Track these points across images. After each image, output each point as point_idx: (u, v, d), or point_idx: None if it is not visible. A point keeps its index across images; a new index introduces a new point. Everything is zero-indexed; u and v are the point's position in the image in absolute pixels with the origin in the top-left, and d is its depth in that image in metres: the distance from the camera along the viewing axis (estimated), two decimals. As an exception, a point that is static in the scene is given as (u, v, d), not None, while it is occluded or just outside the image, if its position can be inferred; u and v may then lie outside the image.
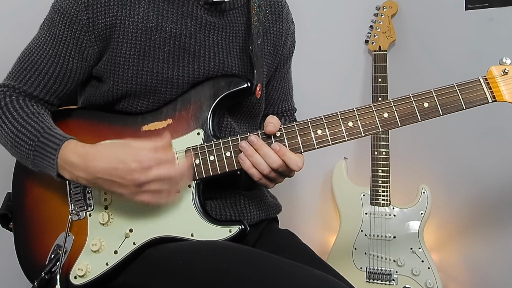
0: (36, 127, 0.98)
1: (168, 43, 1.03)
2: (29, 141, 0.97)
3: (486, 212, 1.64)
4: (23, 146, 0.98)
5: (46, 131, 0.97)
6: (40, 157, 0.96)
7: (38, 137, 0.96)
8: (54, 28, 1.02)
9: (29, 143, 0.97)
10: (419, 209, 1.68)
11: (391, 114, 0.95)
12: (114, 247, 1.00)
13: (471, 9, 1.61)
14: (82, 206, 1.02)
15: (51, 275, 0.99)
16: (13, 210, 1.09)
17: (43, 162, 0.96)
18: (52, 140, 0.95)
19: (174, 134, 1.02)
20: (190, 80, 1.05)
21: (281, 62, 1.22)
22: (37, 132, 0.97)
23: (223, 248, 0.94)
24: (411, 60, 1.79)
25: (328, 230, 1.91)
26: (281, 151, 0.96)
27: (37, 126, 0.98)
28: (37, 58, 1.03)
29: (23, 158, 1.00)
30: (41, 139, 0.96)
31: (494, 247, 1.63)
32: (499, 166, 1.59)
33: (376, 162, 1.68)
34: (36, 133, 0.97)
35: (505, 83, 0.94)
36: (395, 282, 1.66)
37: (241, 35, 1.11)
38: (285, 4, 1.22)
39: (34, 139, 0.96)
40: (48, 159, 0.95)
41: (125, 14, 1.00)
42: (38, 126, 0.98)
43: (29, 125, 0.98)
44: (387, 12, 1.76)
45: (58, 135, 0.96)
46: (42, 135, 0.96)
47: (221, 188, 1.09)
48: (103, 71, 1.04)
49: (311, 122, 0.97)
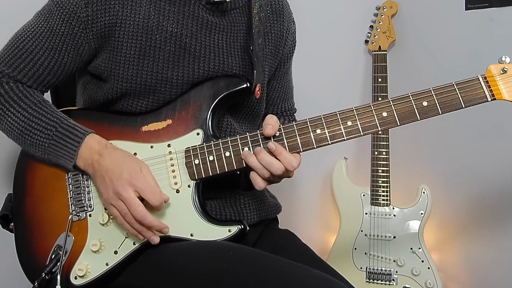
0: (51, 118, 1.01)
1: (169, 43, 1.03)
2: (45, 130, 1.00)
3: (486, 212, 1.64)
4: (36, 134, 1.00)
5: (64, 122, 1.01)
6: (58, 146, 0.99)
7: (56, 127, 1.00)
8: (51, 21, 1.02)
9: (45, 132, 1.00)
10: (419, 209, 1.68)
11: (390, 113, 0.95)
12: (114, 247, 1.00)
13: (471, 9, 1.61)
14: (82, 207, 1.02)
15: (52, 275, 0.99)
16: (13, 211, 1.09)
17: (61, 151, 0.99)
18: (72, 132, 0.99)
19: (173, 134, 1.02)
20: (190, 81, 1.05)
21: (281, 61, 1.22)
22: (54, 122, 1.00)
23: (223, 248, 0.95)
24: (411, 60, 1.79)
25: (328, 230, 1.91)
26: (277, 151, 0.96)
27: (51, 116, 1.01)
28: (32, 48, 1.03)
29: (33, 146, 1.02)
30: (59, 129, 0.99)
31: (494, 247, 1.63)
32: (499, 166, 1.59)
33: (376, 162, 1.68)
34: (53, 123, 1.00)
35: (504, 82, 0.94)
36: (395, 282, 1.66)
37: (242, 35, 1.11)
38: (286, 4, 1.22)
39: (51, 128, 0.99)
40: (67, 149, 0.98)
41: (126, 13, 1.00)
42: (52, 116, 1.01)
43: (41, 115, 1.01)
44: (387, 12, 1.76)
45: (78, 127, 1.00)
46: (60, 126, 1.00)
47: (221, 188, 1.09)
48: (104, 70, 1.04)
49: (310, 121, 0.97)
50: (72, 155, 0.98)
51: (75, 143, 0.98)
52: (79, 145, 0.98)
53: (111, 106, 1.08)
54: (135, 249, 0.99)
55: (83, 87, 1.14)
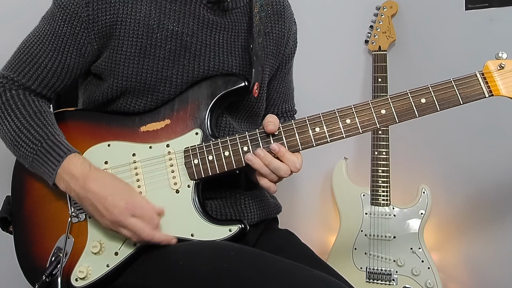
0: (40, 132, 0.99)
1: (169, 41, 1.03)
2: (31, 144, 0.98)
3: (486, 212, 1.64)
4: (23, 147, 0.99)
5: (50, 138, 0.99)
6: (40, 162, 0.98)
7: (41, 142, 0.98)
8: (54, 23, 1.03)
9: (31, 145, 0.98)
10: (419, 209, 1.68)
11: (389, 111, 0.96)
12: (115, 249, 1.00)
13: (471, 9, 1.61)
14: (82, 208, 1.02)
15: (52, 277, 0.99)
16: (12, 214, 1.09)
17: (42, 167, 0.98)
18: (55, 149, 0.97)
19: (172, 134, 1.02)
20: (189, 79, 1.05)
21: (282, 62, 1.22)
22: (41, 137, 0.99)
23: (223, 249, 0.94)
24: (411, 60, 1.79)
25: (328, 230, 1.91)
26: (280, 152, 0.96)
27: (40, 130, 1.00)
28: (36, 52, 1.04)
29: (21, 157, 1.02)
30: (44, 145, 0.98)
31: (494, 247, 1.63)
32: (499, 166, 1.59)
33: (376, 162, 1.68)
34: (39, 138, 0.98)
35: (501, 78, 0.94)
36: (395, 282, 1.66)
37: (243, 35, 1.11)
38: (287, 5, 1.22)
39: (37, 143, 0.98)
40: (48, 166, 0.97)
41: (127, 12, 1.01)
42: (42, 130, 1.00)
43: (32, 127, 1.00)
44: (387, 12, 1.76)
45: (62, 145, 0.98)
46: (45, 142, 0.98)
47: (221, 188, 1.09)
48: (104, 68, 1.04)
49: (309, 120, 0.98)
50: (51, 173, 0.97)
51: (55, 161, 0.97)
52: (59, 164, 0.96)
53: (110, 105, 1.08)
54: (135, 250, 0.99)
55: (83, 88, 1.14)
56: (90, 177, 0.95)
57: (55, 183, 0.98)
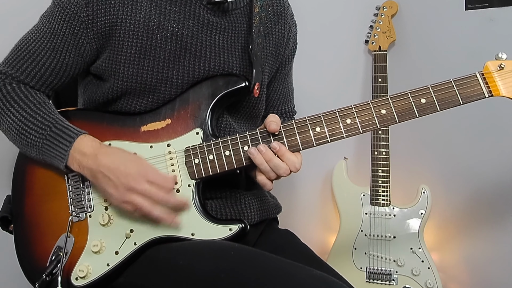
0: (47, 118, 1.01)
1: (169, 42, 1.03)
2: (40, 130, 0.99)
3: (486, 212, 1.64)
4: (32, 134, 1.00)
5: (59, 122, 1.00)
6: (51, 147, 0.99)
7: (51, 127, 0.99)
8: (53, 22, 1.03)
9: (40, 131, 0.99)
10: (419, 209, 1.68)
11: (389, 111, 0.96)
12: (115, 248, 1.00)
13: (471, 9, 1.61)
14: (82, 207, 1.02)
15: (52, 276, 0.99)
16: (13, 213, 1.09)
17: (53, 151, 0.99)
18: (65, 132, 0.99)
19: (173, 134, 1.02)
20: (190, 80, 1.05)
21: (282, 63, 1.22)
22: (49, 123, 1.00)
23: (223, 248, 0.95)
24: (411, 60, 1.79)
25: (328, 230, 1.91)
26: (280, 151, 0.96)
27: (47, 117, 1.01)
28: (34, 49, 1.04)
29: (28, 145, 1.01)
30: (53, 129, 0.99)
31: (494, 247, 1.63)
32: (499, 166, 1.59)
33: (376, 162, 1.68)
34: (48, 124, 1.00)
35: (501, 78, 0.94)
36: (395, 282, 1.66)
37: (243, 35, 1.11)
38: (288, 6, 1.22)
39: (46, 128, 0.99)
40: (59, 149, 0.98)
41: (127, 13, 1.01)
42: (48, 117, 1.01)
43: (38, 115, 1.01)
44: (387, 12, 1.76)
45: (72, 127, 1.00)
46: (55, 126, 0.99)
47: (222, 188, 1.09)
48: (104, 69, 1.04)
49: (309, 120, 0.98)
50: (63, 155, 0.98)
51: (67, 142, 0.98)
52: (71, 145, 0.98)
53: (110, 106, 1.09)
54: (136, 249, 0.99)
55: (83, 88, 1.14)
56: (101, 153, 0.97)
57: (68, 165, 0.98)
